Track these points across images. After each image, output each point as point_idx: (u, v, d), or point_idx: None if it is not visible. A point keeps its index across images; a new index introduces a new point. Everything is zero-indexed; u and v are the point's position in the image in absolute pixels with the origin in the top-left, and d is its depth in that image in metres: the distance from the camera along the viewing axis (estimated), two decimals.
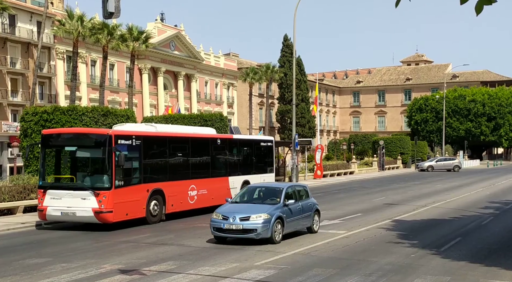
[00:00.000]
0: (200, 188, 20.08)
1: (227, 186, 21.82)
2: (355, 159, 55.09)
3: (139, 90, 55.85)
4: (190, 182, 19.64)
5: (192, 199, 19.75)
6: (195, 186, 19.81)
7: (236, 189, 21.41)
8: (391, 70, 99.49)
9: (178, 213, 19.29)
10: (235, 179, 22.34)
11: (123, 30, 42.39)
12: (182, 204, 19.26)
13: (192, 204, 19.74)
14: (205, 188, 20.34)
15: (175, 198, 18.85)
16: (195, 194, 19.83)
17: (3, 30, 43.76)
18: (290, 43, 66.07)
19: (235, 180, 22.31)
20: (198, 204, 19.98)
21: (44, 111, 23.20)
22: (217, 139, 21.81)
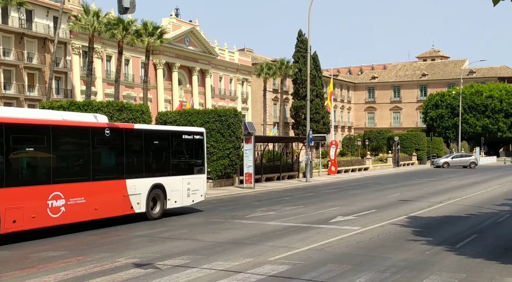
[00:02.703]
0: (71, 196, 14.78)
1: (124, 192, 16.58)
2: (370, 155, 54.82)
3: (154, 85, 56.10)
4: (51, 188, 14.28)
5: (55, 211, 14.34)
6: (61, 193, 14.49)
7: (141, 196, 17.07)
8: (407, 66, 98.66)
9: (33, 231, 14.39)
10: (138, 182, 17.04)
11: (138, 25, 42.62)
12: (36, 219, 13.82)
13: (56, 219, 14.37)
14: (81, 195, 15.12)
15: (20, 211, 13.45)
16: (61, 204, 14.48)
17: (20, 25, 44.22)
18: (304, 38, 65.83)
19: (138, 184, 17.02)
20: (67, 218, 14.71)
21: (60, 105, 23.46)
22: (104, 129, 16.17)
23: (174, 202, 18.61)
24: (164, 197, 18.11)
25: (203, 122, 29.51)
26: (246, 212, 19.50)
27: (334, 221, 17.13)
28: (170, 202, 18.45)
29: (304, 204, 22.06)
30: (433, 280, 9.69)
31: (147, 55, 44.44)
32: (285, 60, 63.27)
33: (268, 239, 13.70)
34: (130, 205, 16.81)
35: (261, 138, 37.43)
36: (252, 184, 29.60)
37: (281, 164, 37.61)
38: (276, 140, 42.14)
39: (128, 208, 16.77)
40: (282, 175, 37.08)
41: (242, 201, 24.14)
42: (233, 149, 30.43)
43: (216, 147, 29.69)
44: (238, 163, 31.12)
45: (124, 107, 24.53)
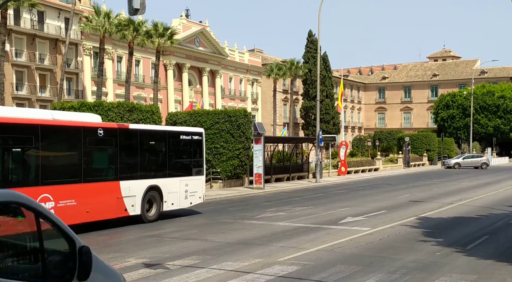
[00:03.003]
0: (61, 198, 14.26)
1: (118, 194, 16.11)
2: (380, 155, 54.60)
3: (164, 86, 56.31)
4: (39, 190, 13.67)
5: None
6: (50, 195, 13.94)
7: (135, 198, 16.59)
8: (418, 66, 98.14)
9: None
10: (133, 184, 16.54)
11: (148, 26, 42.81)
12: None
13: None
14: (72, 197, 14.61)
15: None
16: (50, 207, 13.94)
17: (32, 26, 44.59)
18: (314, 38, 65.71)
19: (133, 186, 16.54)
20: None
21: (71, 106, 23.61)
22: (96, 128, 15.59)
23: (171, 204, 18.03)
24: (161, 199, 17.57)
25: (213, 122, 29.56)
26: (256, 212, 19.50)
27: (344, 221, 17.09)
28: (167, 204, 17.85)
29: (314, 205, 22.02)
30: None
31: (157, 56, 44.61)
32: (295, 60, 63.21)
33: (278, 240, 13.70)
34: (124, 208, 16.29)
35: (271, 139, 37.43)
36: (262, 185, 29.60)
37: (291, 164, 37.57)
38: (286, 140, 42.10)
39: (122, 211, 16.28)
40: (291, 175, 37.05)
41: (251, 201, 24.15)
42: (243, 149, 30.45)
43: (226, 148, 29.72)
44: (248, 164, 31.13)
45: (134, 108, 24.65)
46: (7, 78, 40.04)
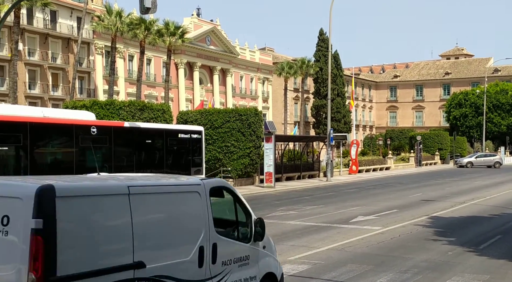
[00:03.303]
0: None
1: None
2: (392, 154, 54.32)
3: (175, 84, 56.46)
4: None
5: None
6: None
7: None
8: (430, 64, 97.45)
9: None
10: None
11: (160, 25, 42.93)
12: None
13: None
14: None
15: None
16: None
17: (45, 26, 44.93)
18: (325, 37, 65.49)
19: None
20: None
21: (83, 105, 23.73)
22: (89, 126, 15.05)
23: None
24: None
25: (224, 121, 29.59)
26: (266, 211, 19.48)
27: (355, 220, 17.02)
28: None
29: (325, 204, 21.96)
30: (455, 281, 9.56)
31: (168, 54, 44.73)
32: (306, 59, 63.04)
33: (288, 239, 13.68)
34: None
35: (282, 137, 37.38)
36: (273, 183, 29.58)
37: (302, 163, 37.49)
38: (296, 139, 42.03)
39: None
40: (302, 174, 36.98)
41: (262, 200, 24.13)
42: (254, 148, 30.44)
43: (236, 146, 29.74)
44: (258, 162, 31.13)
45: (145, 107, 24.72)
46: (20, 77, 40.37)
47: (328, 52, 40.36)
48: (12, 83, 32.32)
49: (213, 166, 29.71)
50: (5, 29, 39.90)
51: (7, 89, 38.49)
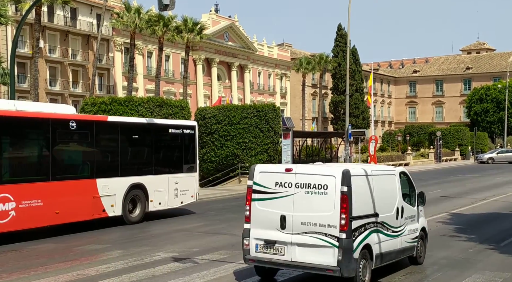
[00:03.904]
0: (23, 198, 12.92)
1: (94, 193, 14.66)
2: (411, 150, 53.84)
3: (194, 81, 56.68)
4: None
5: (2, 216, 12.51)
6: (10, 195, 12.66)
7: (116, 197, 15.21)
8: (450, 59, 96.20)
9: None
10: (113, 182, 15.17)
11: (178, 21, 43.10)
12: None
13: (4, 225, 12.53)
14: (37, 197, 13.21)
15: None
16: (10, 208, 12.62)
17: (65, 23, 45.44)
18: (344, 32, 65.08)
19: (113, 184, 15.15)
20: (18, 223, 12.83)
21: (102, 101, 23.97)
22: (68, 121, 14.03)
23: (158, 203, 16.57)
24: (146, 198, 16.15)
25: (242, 117, 29.63)
26: None
27: None
28: (153, 204, 16.39)
29: None
30: (475, 279, 9.46)
31: (187, 51, 44.91)
32: (324, 54, 62.74)
33: None
34: (102, 208, 14.87)
35: (300, 133, 37.30)
36: None
37: (320, 159, 37.38)
38: (314, 135, 41.92)
39: (100, 211, 14.84)
40: None
41: None
42: (272, 144, 30.44)
43: (254, 143, 29.77)
44: (276, 158, 31.11)
45: (164, 103, 24.86)
46: (41, 74, 40.89)
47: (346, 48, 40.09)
48: (33, 80, 32.77)
49: (231, 162, 29.80)
50: (26, 26, 40.45)
51: (28, 86, 39.06)
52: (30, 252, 12.04)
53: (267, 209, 8.88)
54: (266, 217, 8.84)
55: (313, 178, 8.64)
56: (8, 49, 38.37)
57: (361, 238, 8.57)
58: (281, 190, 8.81)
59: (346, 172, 8.47)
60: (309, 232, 8.48)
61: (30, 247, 12.52)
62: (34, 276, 9.67)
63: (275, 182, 8.88)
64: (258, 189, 9.01)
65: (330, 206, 8.38)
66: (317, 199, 8.53)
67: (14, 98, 17.02)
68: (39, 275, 9.73)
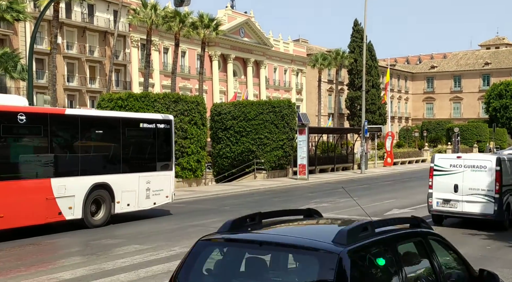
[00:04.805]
0: None
1: (48, 194, 13.20)
2: (428, 146, 53.34)
3: (209, 76, 56.77)
4: None
5: None
6: None
7: (75, 198, 13.81)
8: (468, 54, 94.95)
9: None
10: (71, 181, 13.77)
11: (194, 17, 43.17)
12: None
13: None
14: None
15: None
16: None
17: (83, 19, 45.80)
18: (360, 28, 64.59)
19: (71, 184, 13.75)
20: None
21: (119, 97, 24.12)
22: (15, 113, 12.52)
23: (126, 205, 15.23)
24: (111, 200, 14.75)
25: (257, 113, 29.60)
26: (300, 203, 19.44)
27: (389, 213, 16.82)
28: (120, 205, 15.06)
29: (359, 196, 21.75)
30: None
31: (202, 47, 44.97)
32: (340, 50, 62.35)
33: None
34: (58, 211, 13.42)
35: (315, 129, 37.17)
36: (306, 176, 29.47)
37: (336, 155, 37.21)
38: (330, 131, 41.72)
39: (55, 214, 13.38)
40: (336, 166, 36.71)
41: (295, 192, 24.09)
42: (287, 140, 30.37)
43: (270, 138, 29.73)
44: (292, 154, 31.05)
45: (180, 99, 24.95)
46: (59, 70, 41.28)
47: (362, 43, 39.77)
48: (51, 76, 33.09)
49: (246, 158, 29.80)
50: (44, 23, 40.85)
51: (46, 82, 39.46)
52: (48, 246, 12.18)
53: (444, 180, 14.13)
54: (444, 185, 14.08)
55: (476, 162, 13.87)
56: (26, 45, 38.79)
57: (505, 198, 13.73)
58: (454, 169, 14.04)
59: (498, 158, 13.79)
60: (474, 194, 13.72)
61: (48, 241, 12.66)
62: (52, 270, 9.77)
63: (450, 164, 14.10)
64: (437, 168, 14.32)
65: (489, 179, 13.48)
66: (479, 175, 13.69)
67: (32, 94, 17.17)
68: (56, 268, 9.84)
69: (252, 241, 3.96)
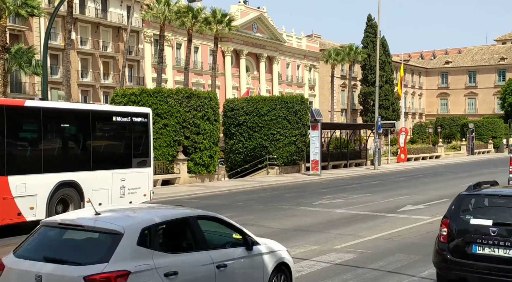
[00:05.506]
0: None
1: (5, 194, 12.12)
2: (442, 142, 52.92)
3: (222, 72, 56.81)
4: None
5: None
6: None
7: (37, 198, 12.66)
8: (484, 49, 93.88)
9: None
10: (32, 179, 12.58)
11: (207, 13, 43.22)
12: None
13: None
14: None
15: None
16: None
17: (96, 15, 46.04)
18: (374, 23, 64.17)
19: (32, 182, 12.58)
20: None
21: (132, 93, 24.25)
22: None
23: (97, 204, 13.59)
24: (80, 199, 13.70)
25: (270, 109, 29.58)
26: (312, 199, 19.40)
27: (403, 210, 16.72)
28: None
29: (372, 192, 21.65)
30: None
31: (215, 42, 45.00)
32: (353, 45, 62.03)
33: (335, 227, 13.58)
34: (17, 211, 12.26)
35: (328, 125, 37.05)
36: (319, 171, 29.41)
37: (349, 151, 37.07)
38: (343, 127, 41.57)
39: (13, 215, 12.21)
40: (349, 162, 36.57)
41: (308, 188, 24.05)
42: (300, 136, 30.32)
43: (282, 134, 29.70)
44: (304, 150, 31.00)
45: (192, 94, 25.01)
46: (73, 65, 41.58)
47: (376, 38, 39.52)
48: (66, 71, 33.33)
49: (259, 153, 29.80)
50: (58, 18, 41.13)
51: (61, 77, 39.77)
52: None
53: None
54: None
55: None
56: (41, 41, 39.12)
57: None
58: None
59: None
60: None
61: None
62: None
63: None
64: None
65: None
66: None
67: (46, 90, 17.31)
68: None
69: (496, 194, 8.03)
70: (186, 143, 24.43)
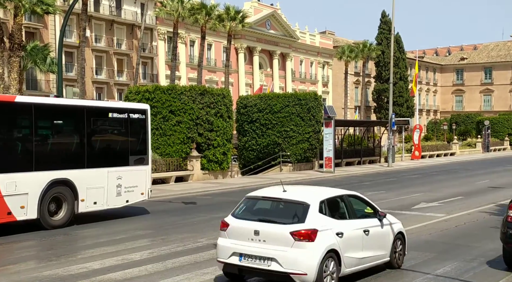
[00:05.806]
0: None
1: None
2: (457, 140, 52.47)
3: (235, 69, 56.83)
4: None
5: None
6: None
7: (28, 196, 12.36)
8: (500, 46, 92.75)
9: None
10: (23, 177, 12.29)
11: (220, 10, 43.22)
12: None
13: None
14: None
15: None
16: None
17: (111, 12, 46.29)
18: (388, 19, 63.71)
19: (23, 180, 12.28)
20: None
21: (146, 90, 24.36)
22: None
23: (92, 203, 13.73)
24: (74, 197, 13.29)
25: (283, 106, 29.54)
26: None
27: (417, 207, 16.62)
28: (85, 204, 13.52)
29: (386, 190, 21.55)
30: None
31: (229, 39, 45.01)
32: (367, 42, 61.56)
33: None
34: (7, 210, 12.00)
35: (342, 122, 36.90)
36: (332, 168, 29.32)
37: (362, 148, 36.90)
38: (357, 124, 41.36)
39: (3, 215, 11.96)
40: (363, 159, 36.41)
41: (321, 185, 23.92)
42: (313, 133, 30.24)
43: (296, 131, 29.64)
44: (318, 147, 30.92)
45: (206, 91, 25.05)
46: (88, 62, 41.85)
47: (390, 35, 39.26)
48: (80, 68, 33.58)
49: (272, 150, 29.79)
50: (73, 16, 41.43)
51: (75, 75, 40.07)
52: (77, 236, 12.42)
53: None
54: None
55: None
56: (56, 39, 39.45)
57: None
58: None
59: None
60: None
61: (77, 231, 12.90)
62: (81, 259, 9.96)
63: None
64: None
65: None
66: None
67: (62, 87, 17.45)
68: (85, 259, 10.02)
69: None
70: (199, 140, 24.51)
